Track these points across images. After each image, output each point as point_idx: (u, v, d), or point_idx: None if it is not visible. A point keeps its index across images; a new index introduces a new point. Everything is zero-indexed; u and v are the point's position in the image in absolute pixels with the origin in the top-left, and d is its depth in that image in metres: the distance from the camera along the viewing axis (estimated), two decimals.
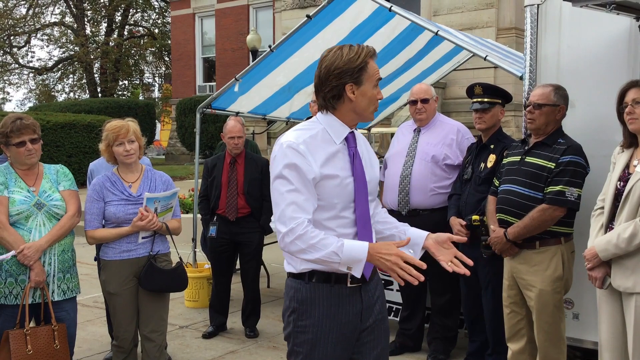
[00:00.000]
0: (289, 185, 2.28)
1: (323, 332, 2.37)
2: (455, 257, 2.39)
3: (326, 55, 2.37)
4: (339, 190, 2.34)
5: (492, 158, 4.08)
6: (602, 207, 3.23)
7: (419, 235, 2.50)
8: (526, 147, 3.71)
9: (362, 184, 2.40)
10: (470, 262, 2.37)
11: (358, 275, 2.24)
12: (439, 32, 5.01)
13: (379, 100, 2.42)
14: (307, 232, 2.23)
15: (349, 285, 2.38)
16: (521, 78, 4.19)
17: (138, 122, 3.95)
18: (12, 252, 3.41)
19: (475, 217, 3.98)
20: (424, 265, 2.14)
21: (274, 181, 2.33)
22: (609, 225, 3.15)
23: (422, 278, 2.13)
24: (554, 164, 3.52)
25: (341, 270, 2.25)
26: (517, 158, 3.72)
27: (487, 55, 4.85)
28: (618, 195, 3.11)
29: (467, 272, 2.31)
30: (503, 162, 3.87)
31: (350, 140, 2.42)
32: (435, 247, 2.44)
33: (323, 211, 2.34)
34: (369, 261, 2.20)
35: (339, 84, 2.33)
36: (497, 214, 3.73)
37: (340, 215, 2.36)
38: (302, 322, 2.39)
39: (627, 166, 3.15)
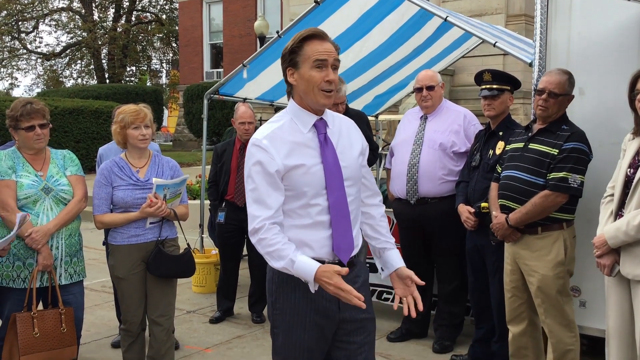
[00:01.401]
0: (252, 184, 2.32)
1: (299, 316, 2.38)
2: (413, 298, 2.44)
3: None
4: (307, 178, 2.33)
5: (500, 145, 4.05)
6: (612, 195, 3.21)
7: (392, 263, 2.55)
8: (529, 134, 3.69)
9: (335, 170, 2.37)
10: (420, 307, 2.39)
11: (312, 290, 2.28)
12: (448, 18, 4.98)
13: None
14: (267, 238, 2.27)
15: None
16: (530, 65, 4.16)
17: None
18: (14, 230, 3.28)
19: (484, 204, 3.97)
20: (361, 298, 2.19)
21: (244, 178, 2.40)
22: (618, 213, 3.13)
23: (362, 305, 2.18)
24: (557, 151, 3.50)
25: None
26: (520, 144, 3.71)
27: (496, 42, 4.82)
28: (628, 182, 3.09)
29: (414, 314, 2.37)
30: (506, 148, 3.85)
31: (319, 126, 2.40)
32: (396, 280, 2.52)
33: (294, 200, 2.34)
34: (316, 282, 2.23)
35: (283, 69, 2.39)
36: (499, 200, 3.73)
37: (312, 203, 2.34)
38: (280, 305, 2.42)
39: (638, 153, 3.11)
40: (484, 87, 4.16)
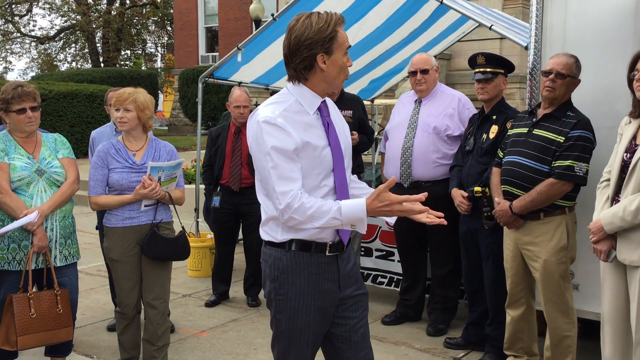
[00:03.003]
0: (273, 161, 2.25)
1: (304, 300, 2.39)
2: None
3: (295, 24, 2.32)
4: (318, 160, 2.33)
5: (494, 129, 4.05)
6: (608, 180, 3.19)
7: None
8: (534, 119, 3.67)
9: (339, 153, 2.39)
10: (440, 214, 2.34)
11: (363, 231, 2.25)
12: (444, 1, 4.96)
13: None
14: (303, 204, 2.22)
15: (327, 254, 2.40)
16: (526, 48, 4.14)
17: None
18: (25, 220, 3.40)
19: (477, 188, 3.96)
20: (424, 197, 2.16)
21: (257, 159, 2.31)
22: (615, 198, 3.10)
23: (423, 197, 2.16)
24: (563, 138, 3.47)
25: (346, 229, 2.28)
26: (525, 130, 3.67)
27: (492, 25, 4.80)
28: (625, 167, 3.05)
29: (444, 222, 2.30)
30: (508, 133, 3.83)
31: (323, 109, 2.40)
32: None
33: (304, 182, 2.33)
34: (372, 215, 2.20)
35: (310, 54, 2.29)
36: (502, 186, 3.70)
37: (321, 185, 2.35)
38: (284, 290, 2.40)
39: (635, 137, 3.08)
40: (477, 70, 4.14)
